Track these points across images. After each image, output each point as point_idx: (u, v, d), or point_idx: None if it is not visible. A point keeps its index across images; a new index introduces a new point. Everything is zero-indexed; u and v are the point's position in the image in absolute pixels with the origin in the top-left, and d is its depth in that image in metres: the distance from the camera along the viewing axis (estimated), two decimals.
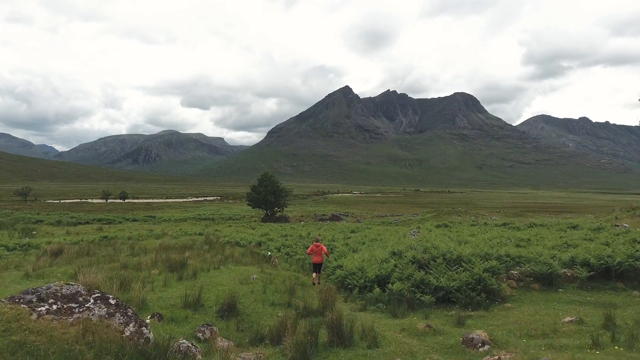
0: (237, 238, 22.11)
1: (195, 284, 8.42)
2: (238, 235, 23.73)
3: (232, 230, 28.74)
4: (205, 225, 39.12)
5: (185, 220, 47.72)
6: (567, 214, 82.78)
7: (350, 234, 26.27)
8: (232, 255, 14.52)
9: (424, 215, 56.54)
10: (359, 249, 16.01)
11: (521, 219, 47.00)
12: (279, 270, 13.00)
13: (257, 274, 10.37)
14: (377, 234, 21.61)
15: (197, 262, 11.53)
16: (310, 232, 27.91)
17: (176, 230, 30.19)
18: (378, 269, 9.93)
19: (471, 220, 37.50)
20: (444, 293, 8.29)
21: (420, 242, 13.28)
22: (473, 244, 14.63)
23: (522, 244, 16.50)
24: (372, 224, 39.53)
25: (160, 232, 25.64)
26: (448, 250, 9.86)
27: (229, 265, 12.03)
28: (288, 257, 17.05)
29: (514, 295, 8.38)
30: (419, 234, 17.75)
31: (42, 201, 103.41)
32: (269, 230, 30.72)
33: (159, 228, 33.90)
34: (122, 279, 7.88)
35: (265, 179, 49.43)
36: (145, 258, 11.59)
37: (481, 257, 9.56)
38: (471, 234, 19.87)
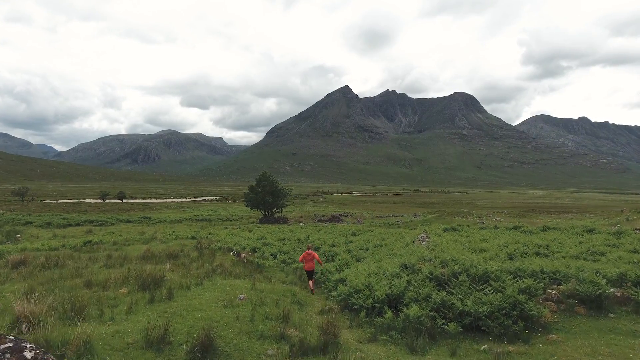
0: (231, 243, 20.59)
1: (168, 309, 6.91)
2: (232, 240, 22.21)
3: (227, 234, 27.19)
4: (200, 227, 37.63)
5: (181, 221, 46.17)
6: (568, 214, 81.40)
7: (352, 237, 24.80)
8: (222, 264, 12.98)
9: (426, 215, 55.06)
10: (362, 256, 14.46)
11: (526, 220, 45.49)
12: (274, 283, 11.46)
13: (247, 291, 8.83)
14: (381, 239, 20.06)
15: (178, 275, 9.98)
16: (309, 235, 26.41)
17: (169, 232, 28.68)
18: (388, 286, 8.40)
19: (477, 222, 35.99)
20: (471, 320, 6.78)
21: (433, 251, 11.77)
22: (490, 252, 13.13)
23: (541, 250, 15.01)
24: (374, 226, 38.05)
25: (149, 236, 24.07)
26: (472, 265, 8.31)
27: (216, 278, 10.48)
28: (285, 265, 15.55)
29: (556, 322, 6.86)
30: (428, 240, 16.23)
31: (38, 201, 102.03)
32: (267, 232, 29.19)
33: (151, 230, 32.37)
34: (75, 305, 6.34)
35: (263, 179, 47.76)
36: (117, 272, 10.02)
37: (511, 273, 8.05)
38: (483, 239, 18.39)
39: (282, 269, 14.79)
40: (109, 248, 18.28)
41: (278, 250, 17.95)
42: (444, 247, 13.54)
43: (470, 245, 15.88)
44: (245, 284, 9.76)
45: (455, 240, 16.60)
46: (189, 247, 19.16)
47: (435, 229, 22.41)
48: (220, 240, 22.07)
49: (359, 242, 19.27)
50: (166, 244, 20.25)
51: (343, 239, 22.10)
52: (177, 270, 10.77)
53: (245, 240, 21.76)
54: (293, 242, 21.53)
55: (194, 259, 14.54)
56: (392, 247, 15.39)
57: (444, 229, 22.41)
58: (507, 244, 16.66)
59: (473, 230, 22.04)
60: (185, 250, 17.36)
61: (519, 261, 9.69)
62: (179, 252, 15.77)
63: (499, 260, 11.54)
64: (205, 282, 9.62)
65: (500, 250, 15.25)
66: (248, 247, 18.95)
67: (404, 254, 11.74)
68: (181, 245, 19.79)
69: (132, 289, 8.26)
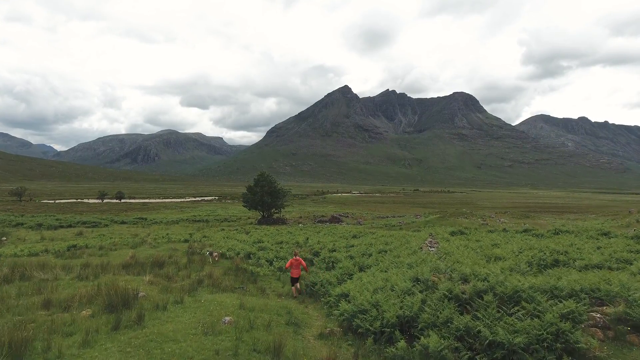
0: (225, 247, 19.33)
1: (133, 340, 5.64)
2: (227, 244, 20.94)
3: (222, 236, 25.89)
4: (196, 229, 36.35)
5: (178, 222, 44.88)
6: (570, 214, 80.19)
7: (353, 240, 23.56)
8: (211, 274, 11.70)
9: (427, 216, 53.79)
10: (366, 264, 13.18)
11: (530, 221, 44.08)
12: (267, 296, 10.20)
13: (234, 311, 7.56)
14: (384, 243, 18.78)
15: (157, 290, 8.71)
16: (308, 237, 25.18)
17: (162, 235, 27.42)
18: (399, 305, 7.15)
19: (481, 224, 34.67)
20: (504, 353, 5.53)
21: (445, 261, 10.50)
22: (508, 261, 11.88)
23: (560, 258, 13.75)
24: (375, 227, 36.80)
25: (140, 240, 22.82)
26: (498, 281, 7.04)
27: (201, 293, 9.22)
28: (281, 273, 14.29)
29: (607, 355, 5.62)
30: (437, 246, 14.97)
31: (36, 201, 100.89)
32: (264, 235, 27.92)
33: (145, 232, 31.13)
34: (14, 339, 5.05)
35: (261, 179, 46.34)
36: (87, 286, 8.76)
37: (546, 292, 6.79)
38: (494, 244, 17.15)
39: (278, 278, 13.54)
40: (94, 253, 17.03)
41: (274, 256, 16.68)
42: (455, 254, 12.27)
43: (482, 251, 14.63)
44: (234, 300, 8.50)
45: (466, 246, 15.33)
46: (180, 253, 17.91)
47: (442, 232, 21.13)
48: (214, 244, 20.83)
49: (361, 247, 18.01)
50: (155, 249, 19.00)
51: (344, 242, 20.85)
52: (158, 282, 9.51)
53: (241, 244, 20.51)
54: (291, 246, 20.27)
55: (181, 267, 13.27)
56: (397, 253, 14.11)
57: (450, 233, 21.14)
58: (522, 250, 15.43)
59: (482, 234, 20.77)
60: (174, 256, 16.10)
61: (553, 277, 8.38)
62: (166, 259, 14.51)
63: (519, 271, 10.27)
64: (187, 298, 8.35)
65: (516, 257, 14.02)
66: (242, 253, 17.68)
67: (413, 263, 10.46)
68: (171, 250, 18.54)
69: (98, 310, 6.97)
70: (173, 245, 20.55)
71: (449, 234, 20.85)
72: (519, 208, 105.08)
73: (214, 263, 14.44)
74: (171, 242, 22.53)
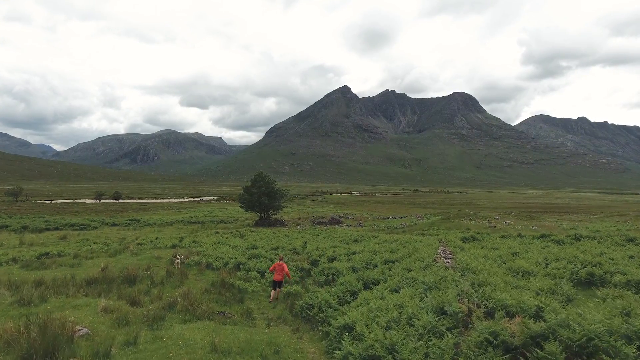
0: (215, 255, 17.45)
1: None
2: (217, 250, 19.07)
3: (213, 241, 23.97)
4: (190, 231, 34.45)
5: (172, 224, 42.96)
6: (572, 214, 78.60)
7: (354, 244, 21.73)
8: (188, 294, 9.79)
9: (429, 217, 51.97)
10: (371, 279, 11.29)
11: (536, 223, 42.19)
12: (254, 321, 8.31)
13: (203, 356, 5.71)
14: (390, 250, 16.88)
15: (108, 323, 6.74)
16: (307, 242, 23.32)
17: (151, 239, 25.52)
18: (423, 352, 5.30)
19: (488, 226, 32.81)
20: None
21: (469, 279, 8.65)
22: (538, 278, 10.03)
23: (595, 272, 11.84)
24: (377, 230, 34.94)
25: (122, 246, 20.95)
26: (559, 322, 5.14)
27: (168, 323, 7.31)
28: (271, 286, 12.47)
29: None
30: (453, 258, 13.08)
31: (32, 201, 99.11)
32: (260, 239, 26.02)
33: (134, 236, 29.26)
34: None
35: (259, 179, 44.40)
36: (14, 318, 6.82)
37: (630, 338, 4.94)
38: (512, 252, 15.24)
39: (269, 294, 11.71)
40: (65, 263, 15.16)
41: (267, 267, 14.85)
42: (477, 269, 10.40)
43: (503, 262, 12.74)
44: (207, 336, 6.59)
45: (484, 256, 13.46)
46: (162, 262, 16.05)
47: (453, 238, 19.23)
48: (202, 251, 18.95)
49: (363, 254, 16.13)
50: (136, 257, 17.14)
51: (344, 248, 18.99)
52: (116, 309, 7.57)
53: (232, 251, 18.64)
54: (287, 253, 18.44)
55: (156, 283, 11.39)
56: (407, 265, 12.20)
57: (462, 239, 19.23)
58: (548, 261, 13.57)
59: (496, 240, 18.88)
60: (153, 267, 14.24)
61: (616, 307, 6.45)
62: (143, 272, 12.64)
63: (562, 293, 8.38)
64: (145, 334, 6.42)
65: (543, 269, 12.17)
66: (232, 262, 15.79)
67: (430, 283, 8.57)
68: (153, 258, 16.67)
69: None
70: (158, 253, 18.68)
71: (461, 240, 18.89)
72: (521, 208, 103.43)
73: (179, 273, 12.56)
74: (157, 249, 20.67)
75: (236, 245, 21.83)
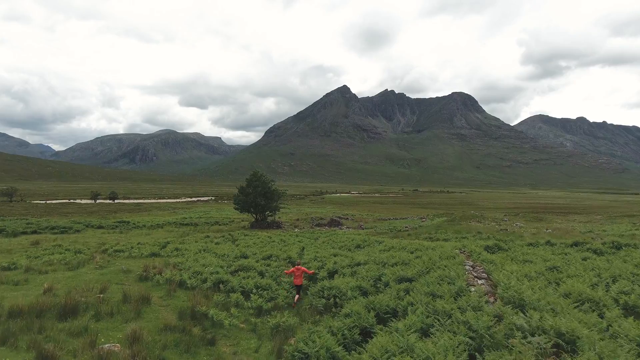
0: (194, 268, 14.99)
1: None
2: (199, 261, 16.70)
3: (200, 247, 21.82)
4: (180, 234, 32.75)
5: (163, 226, 41.20)
6: (575, 215, 77.51)
7: (357, 251, 20.32)
8: (137, 337, 7.75)
9: (433, 218, 50.67)
10: (385, 306, 9.10)
11: (546, 224, 40.09)
12: None
13: None
14: (402, 262, 14.34)
15: None
16: (304, 248, 22.05)
17: (129, 246, 22.05)
18: None
19: (499, 229, 30.75)
20: None
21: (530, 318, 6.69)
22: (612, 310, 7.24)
23: None
24: (380, 234, 33.55)
25: (87, 256, 18.36)
26: None
27: None
28: (259, 316, 10.26)
29: None
30: (487, 276, 11.37)
31: (26, 202, 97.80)
32: (252, 244, 24.41)
33: (114, 241, 26.71)
34: None
35: (254, 178, 42.53)
36: None
37: None
38: (550, 266, 12.20)
39: (253, 328, 9.40)
40: (9, 280, 12.70)
41: (255, 285, 12.73)
42: (529, 298, 7.95)
43: (554, 284, 9.95)
44: None
45: (526, 275, 10.74)
46: (129, 278, 13.84)
47: (474, 246, 17.12)
48: (181, 263, 16.59)
49: (370, 268, 13.83)
50: (101, 271, 14.86)
51: (346, 257, 17.17)
52: None
53: (217, 261, 16.65)
54: (281, 264, 16.74)
55: (104, 314, 9.28)
56: (431, 287, 9.66)
57: (485, 247, 17.10)
58: (603, 279, 10.34)
59: (524, 249, 16.78)
60: (114, 286, 12.30)
61: None
62: (94, 295, 10.81)
63: None
64: None
65: (605, 292, 8.92)
66: (211, 279, 13.30)
67: (481, 330, 6.35)
68: (119, 273, 14.54)
69: None
70: (130, 264, 16.46)
71: (484, 248, 16.78)
72: (523, 209, 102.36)
73: (139, 298, 10.51)
74: (131, 258, 18.52)
75: (224, 253, 19.64)
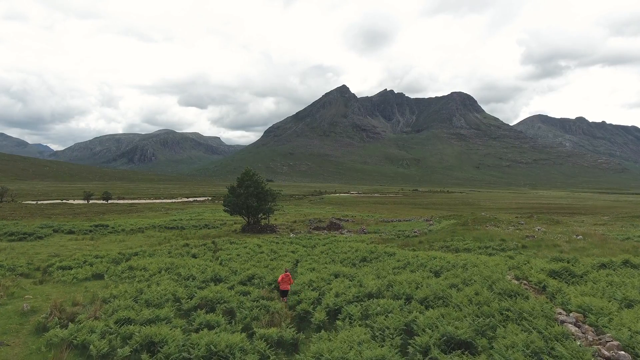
0: (130, 308, 10.68)
1: None
2: (146, 293, 12.23)
3: (164, 264, 17.58)
4: (158, 241, 29.53)
5: (144, 230, 37.67)
6: (581, 215, 75.42)
7: (363, 266, 17.53)
8: None
9: (440, 221, 47.94)
10: None
11: (566, 228, 34.78)
12: None
13: None
14: (431, 292, 10.67)
15: None
16: (298, 261, 19.09)
17: (85, 259, 19.74)
18: None
19: (525, 235, 25.46)
20: None
21: None
22: None
23: None
24: (386, 239, 30.68)
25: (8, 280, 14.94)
26: None
27: None
28: None
29: None
30: (599, 336, 7.01)
31: (17, 202, 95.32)
32: (236, 256, 20.61)
33: (70, 252, 23.50)
34: None
35: (246, 178, 39.38)
36: None
37: None
38: None
39: None
40: None
41: (210, 349, 7.72)
42: None
43: None
44: None
45: None
46: (20, 333, 9.78)
47: (533, 271, 12.47)
48: (120, 294, 12.18)
49: (391, 308, 9.63)
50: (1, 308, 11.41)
51: (351, 282, 13.21)
52: None
53: (174, 288, 12.79)
54: (266, 289, 13.34)
55: None
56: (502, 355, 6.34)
57: (550, 273, 12.33)
58: None
59: (597, 273, 12.01)
60: None
61: None
62: None
63: None
64: None
65: None
66: (137, 339, 8.44)
67: None
68: (11, 320, 10.59)
69: None
70: (51, 294, 12.91)
71: (549, 274, 12.18)
72: (526, 209, 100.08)
73: None
74: (61, 284, 14.78)
75: (190, 274, 15.26)
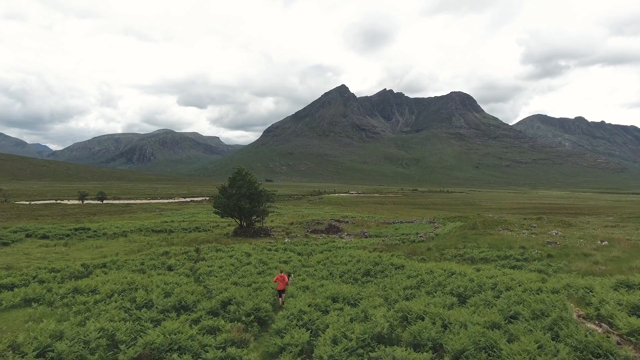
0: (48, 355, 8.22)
1: None
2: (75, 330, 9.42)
3: (122, 284, 14.73)
4: (138, 247, 27.52)
5: (127, 234, 35.39)
6: (584, 216, 73.64)
7: (367, 283, 15.75)
8: None
9: (445, 223, 45.87)
10: None
11: (580, 230, 31.46)
12: None
13: None
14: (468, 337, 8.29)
15: None
16: (291, 274, 16.74)
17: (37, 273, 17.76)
18: None
19: (546, 241, 23.45)
20: None
21: None
22: None
23: None
24: (390, 244, 28.24)
25: None
26: None
27: None
28: None
29: None
30: None
31: (10, 202, 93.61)
32: (217, 269, 18.28)
33: (26, 262, 21.63)
34: None
35: (238, 177, 37.20)
36: None
37: None
38: None
39: None
40: None
41: None
42: None
43: None
44: None
45: None
46: None
47: (609, 307, 9.62)
48: (26, 342, 8.71)
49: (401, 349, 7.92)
50: None
51: (355, 313, 10.80)
52: None
53: (118, 325, 9.95)
54: (235, 332, 10.02)
55: None
56: None
57: (632, 309, 9.47)
58: None
59: None
60: None
61: None
62: None
63: None
64: None
65: None
66: None
67: None
68: None
69: None
70: None
71: (629, 312, 9.32)
72: (528, 209, 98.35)
73: None
74: None
75: (148, 300, 12.31)
